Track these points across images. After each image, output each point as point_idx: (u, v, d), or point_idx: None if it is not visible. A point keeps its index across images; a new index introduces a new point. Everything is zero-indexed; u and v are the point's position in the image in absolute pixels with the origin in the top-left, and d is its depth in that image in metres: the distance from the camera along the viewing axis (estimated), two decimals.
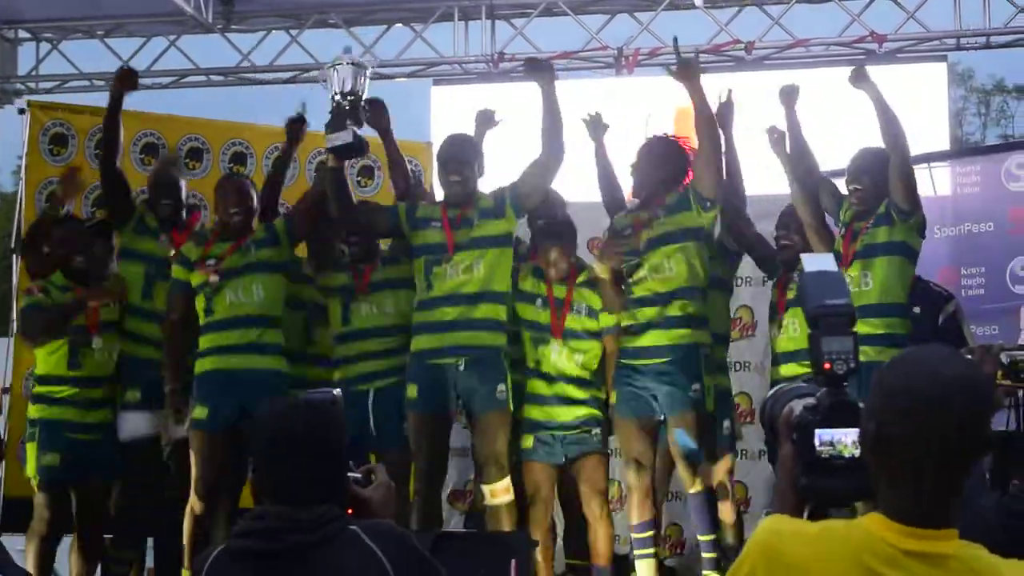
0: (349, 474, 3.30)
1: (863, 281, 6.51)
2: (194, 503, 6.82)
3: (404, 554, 3.11)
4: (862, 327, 6.43)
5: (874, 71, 10.10)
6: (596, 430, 7.09)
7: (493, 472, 6.62)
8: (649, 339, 6.73)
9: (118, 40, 11.54)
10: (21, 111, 8.51)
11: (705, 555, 6.81)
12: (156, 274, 7.27)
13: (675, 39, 7.74)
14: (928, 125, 9.97)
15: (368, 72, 6.86)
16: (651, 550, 6.83)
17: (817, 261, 3.05)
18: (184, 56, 11.48)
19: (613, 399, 6.96)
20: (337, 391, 3.49)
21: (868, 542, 2.41)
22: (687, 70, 6.93)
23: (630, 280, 6.85)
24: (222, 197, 7.08)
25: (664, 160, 6.92)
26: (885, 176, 6.49)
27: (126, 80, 7.39)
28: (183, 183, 7.60)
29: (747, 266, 8.68)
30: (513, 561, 5.93)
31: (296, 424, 3.23)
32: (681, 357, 6.65)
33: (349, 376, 6.98)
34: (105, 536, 7.33)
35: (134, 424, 7.10)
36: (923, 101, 10.13)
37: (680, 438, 6.56)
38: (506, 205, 6.78)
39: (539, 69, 6.91)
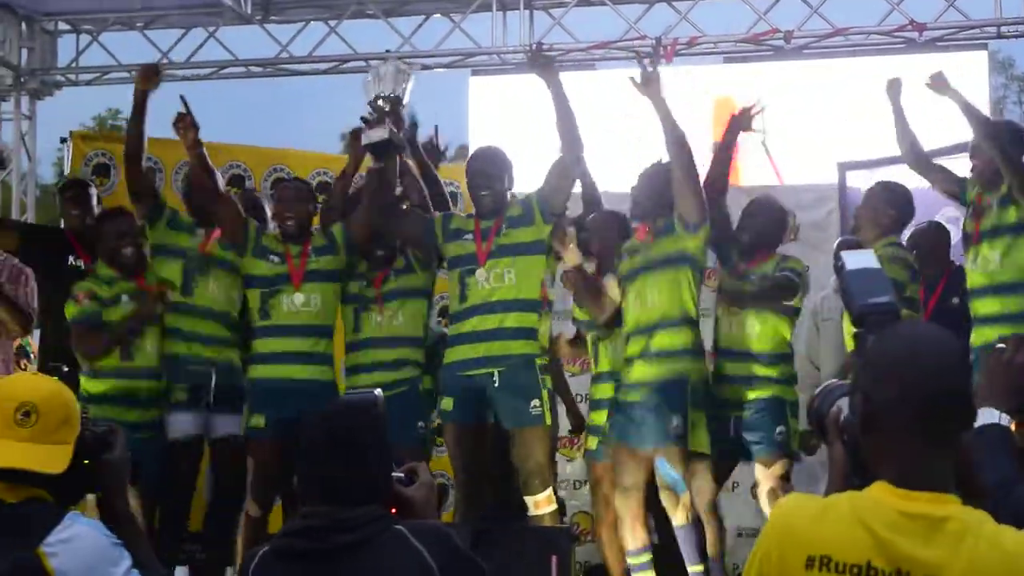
0: (392, 474, 3.31)
1: (993, 260, 6.56)
2: (251, 508, 6.92)
3: (450, 554, 3.11)
4: (991, 306, 6.47)
5: (914, 60, 10.14)
6: None
7: (536, 484, 6.61)
8: (635, 373, 6.70)
9: (157, 31, 11.58)
10: (63, 140, 8.52)
11: None
12: (194, 268, 7.22)
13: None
14: None
15: (411, 76, 6.85)
16: (650, 572, 6.78)
17: (858, 258, 3.04)
18: (223, 47, 11.48)
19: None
20: (378, 391, 3.49)
21: (871, 508, 2.47)
22: (649, 84, 6.66)
23: (624, 307, 6.83)
24: (278, 202, 7.15)
25: (656, 186, 6.79)
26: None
27: (149, 79, 7.19)
28: (219, 179, 7.61)
29: None
30: (554, 557, 5.94)
31: (337, 425, 3.25)
32: (662, 391, 6.58)
33: (358, 385, 6.91)
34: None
35: (181, 425, 7.11)
36: (963, 89, 9.95)
37: (662, 467, 6.52)
38: (534, 211, 6.72)
39: (539, 64, 6.75)
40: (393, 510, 3.20)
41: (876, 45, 10.53)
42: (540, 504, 6.63)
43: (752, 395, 6.84)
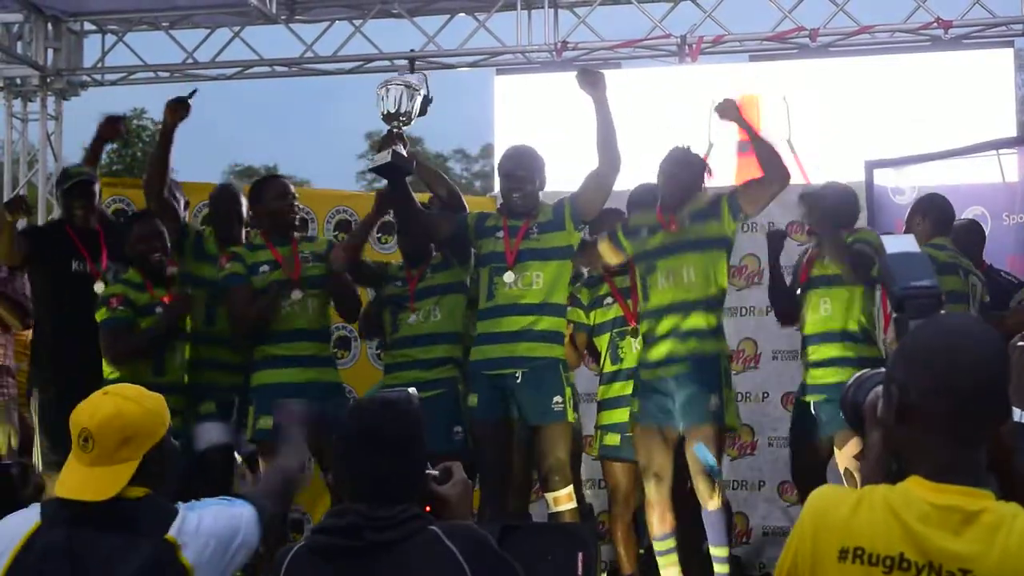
0: (427, 472, 3.31)
1: None
2: None
3: (483, 556, 3.12)
4: None
5: (939, 58, 10.10)
6: None
7: (557, 480, 6.61)
8: (668, 349, 6.63)
9: (183, 31, 11.62)
10: None
11: (718, 569, 6.69)
12: (218, 300, 7.22)
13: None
14: (995, 112, 9.87)
15: (421, 93, 6.83)
16: (674, 556, 6.75)
17: (899, 242, 3.01)
18: (248, 47, 11.53)
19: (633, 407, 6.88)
20: (412, 389, 3.50)
21: (904, 500, 2.49)
22: (592, 80, 6.72)
23: (647, 284, 6.75)
24: (279, 196, 7.12)
25: (688, 165, 6.75)
26: None
27: (178, 111, 7.13)
28: (243, 200, 7.61)
29: (752, 295, 8.69)
30: (580, 554, 5.93)
31: (373, 422, 3.24)
32: (699, 367, 6.54)
33: (394, 385, 6.85)
34: None
35: (210, 434, 7.14)
36: (989, 87, 10.03)
37: (700, 452, 6.44)
38: (565, 217, 6.76)
39: (590, 81, 6.70)
40: (427, 508, 3.21)
41: (902, 43, 10.50)
42: (560, 500, 6.63)
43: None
